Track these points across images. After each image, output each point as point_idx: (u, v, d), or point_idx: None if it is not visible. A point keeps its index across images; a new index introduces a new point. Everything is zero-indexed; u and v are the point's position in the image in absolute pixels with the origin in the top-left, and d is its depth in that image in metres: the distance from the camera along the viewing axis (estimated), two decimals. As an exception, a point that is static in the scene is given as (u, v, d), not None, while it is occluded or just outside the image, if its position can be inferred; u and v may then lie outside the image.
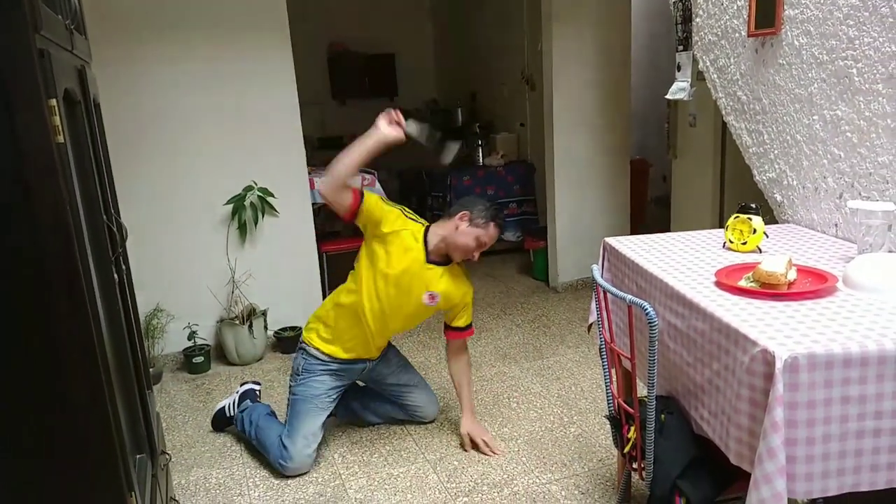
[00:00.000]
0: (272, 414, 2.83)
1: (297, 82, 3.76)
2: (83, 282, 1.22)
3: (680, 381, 1.65)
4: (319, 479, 2.57)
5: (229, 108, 3.64)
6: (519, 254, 5.46)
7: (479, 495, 2.40)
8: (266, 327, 3.77)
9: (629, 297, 1.59)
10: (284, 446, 2.55)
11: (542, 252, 4.84)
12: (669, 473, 1.58)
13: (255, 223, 3.71)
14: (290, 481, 2.57)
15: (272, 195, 3.71)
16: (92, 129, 1.77)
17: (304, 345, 2.71)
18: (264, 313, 3.76)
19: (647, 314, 1.52)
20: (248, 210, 3.66)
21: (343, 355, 2.65)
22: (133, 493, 1.37)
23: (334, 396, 2.68)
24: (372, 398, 2.90)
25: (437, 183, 5.70)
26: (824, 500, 1.30)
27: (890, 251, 1.71)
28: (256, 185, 3.67)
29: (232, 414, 2.93)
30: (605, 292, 1.73)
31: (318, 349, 2.65)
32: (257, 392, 3.04)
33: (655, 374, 1.58)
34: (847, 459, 1.27)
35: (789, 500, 1.25)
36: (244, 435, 2.81)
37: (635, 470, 1.75)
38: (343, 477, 2.58)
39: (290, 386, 2.69)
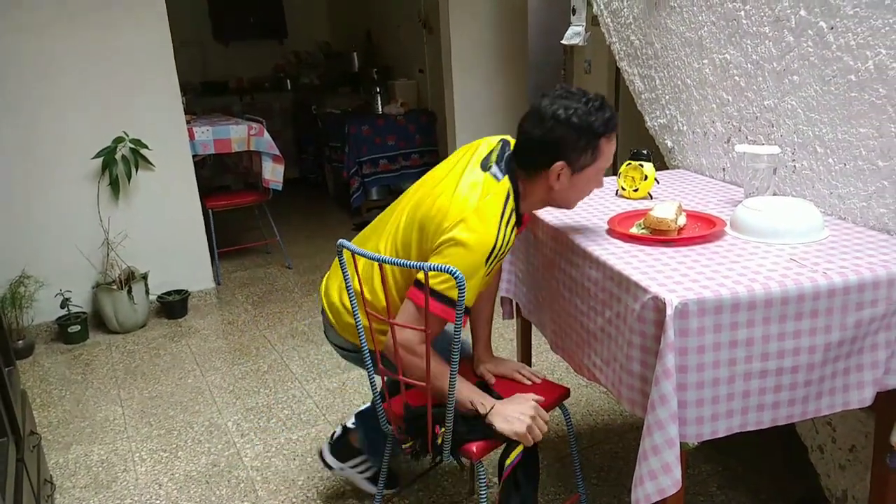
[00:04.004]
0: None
1: (172, 21, 3.43)
2: None
3: (574, 330, 1.63)
4: (212, 450, 2.44)
5: (92, 50, 3.28)
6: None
7: (381, 453, 2.35)
8: (147, 292, 3.51)
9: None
10: None
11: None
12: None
13: (129, 178, 3.42)
14: (179, 453, 2.43)
15: (146, 147, 3.42)
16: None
17: None
18: (145, 277, 3.51)
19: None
20: (119, 164, 3.36)
21: None
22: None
23: None
24: None
25: (334, 132, 5.48)
26: (711, 442, 1.33)
27: (775, 194, 1.75)
28: (128, 135, 3.36)
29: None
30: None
31: None
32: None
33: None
34: (735, 401, 1.28)
35: (680, 443, 1.26)
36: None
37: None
38: (238, 445, 2.46)
39: None
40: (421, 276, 1.43)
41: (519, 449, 1.54)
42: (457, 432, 1.52)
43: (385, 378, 1.64)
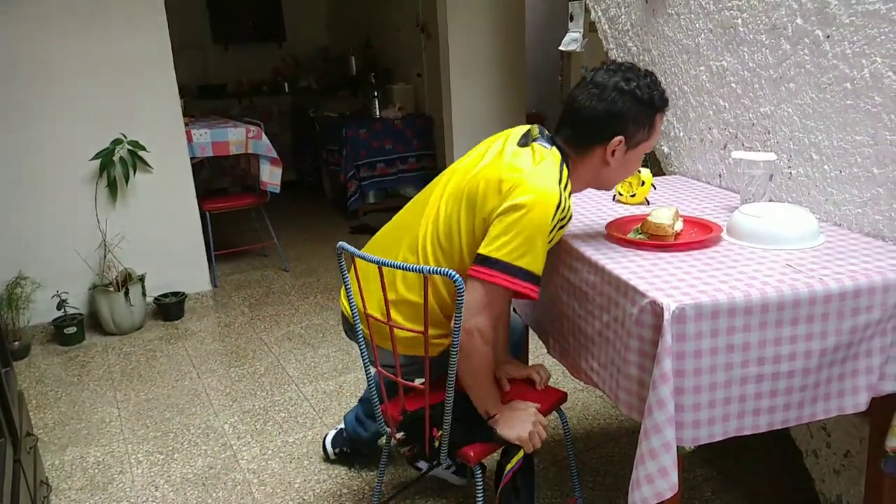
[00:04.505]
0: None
1: (171, 24, 3.44)
2: None
3: (571, 334, 1.64)
4: (209, 452, 2.44)
5: (93, 53, 3.29)
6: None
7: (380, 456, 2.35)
8: (144, 293, 3.51)
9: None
10: None
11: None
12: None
13: (127, 180, 3.42)
14: (176, 456, 2.42)
15: (144, 149, 3.42)
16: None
17: None
18: (142, 278, 3.50)
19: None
20: (117, 166, 3.36)
21: None
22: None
23: None
24: None
25: (332, 136, 5.48)
26: (706, 446, 1.33)
27: (771, 200, 1.76)
28: (126, 137, 3.36)
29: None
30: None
31: None
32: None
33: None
34: (732, 405, 1.29)
35: (677, 447, 1.27)
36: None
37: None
38: (234, 448, 2.45)
39: None
40: (487, 250, 1.38)
41: (520, 455, 1.55)
42: (454, 435, 1.53)
43: (383, 379, 1.64)
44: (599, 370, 1.50)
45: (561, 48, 3.11)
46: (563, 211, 1.41)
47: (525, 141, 1.52)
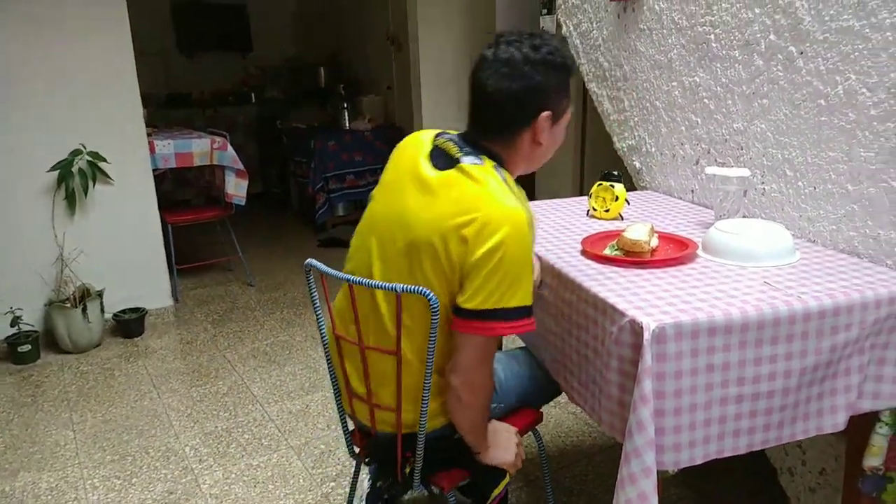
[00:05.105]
0: None
1: (134, 31, 3.35)
2: None
3: (548, 352, 1.60)
4: (168, 476, 2.33)
5: (51, 59, 3.17)
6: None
7: (347, 478, 2.28)
8: (103, 310, 3.38)
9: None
10: None
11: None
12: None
13: (86, 192, 3.29)
14: (134, 480, 2.31)
15: (104, 160, 3.30)
16: None
17: None
18: (100, 294, 3.37)
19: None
20: (76, 177, 3.23)
21: None
22: None
23: None
24: None
25: (300, 147, 5.40)
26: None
27: (745, 216, 1.75)
28: (86, 148, 3.25)
29: None
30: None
31: None
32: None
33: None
34: (712, 427, 1.26)
35: (659, 471, 1.23)
36: None
37: None
38: (195, 472, 2.35)
39: None
40: (474, 303, 1.22)
41: (506, 481, 1.49)
42: (428, 461, 1.47)
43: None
44: (580, 389, 1.46)
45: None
46: (533, 223, 1.29)
47: (447, 163, 1.30)
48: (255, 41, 6.78)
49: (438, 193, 1.27)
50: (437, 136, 1.39)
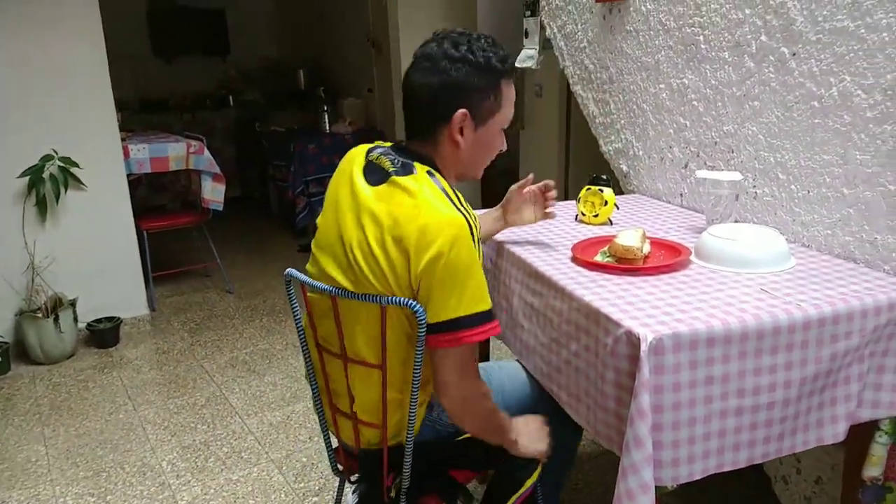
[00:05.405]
0: None
1: (109, 34, 3.26)
2: None
3: (534, 363, 1.55)
4: (145, 493, 2.25)
5: (18, 62, 3.06)
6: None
7: (331, 493, 2.21)
8: (76, 319, 3.28)
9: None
10: None
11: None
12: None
13: (57, 198, 3.20)
14: (109, 498, 2.23)
15: (77, 165, 3.21)
16: None
17: None
18: (73, 303, 3.27)
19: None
20: (47, 183, 3.13)
21: None
22: None
23: None
24: None
25: (279, 151, 5.31)
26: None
27: (737, 221, 1.72)
28: (57, 154, 3.15)
29: None
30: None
31: None
32: None
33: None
34: (711, 441, 1.22)
35: (657, 486, 1.19)
36: None
37: None
38: (173, 487, 2.27)
39: None
40: (434, 318, 1.20)
41: (539, 470, 1.44)
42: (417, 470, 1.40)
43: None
44: (571, 401, 1.41)
45: (516, 65, 3.06)
46: (477, 226, 1.23)
47: (380, 178, 1.26)
48: (233, 45, 6.67)
49: (374, 209, 1.24)
50: (370, 150, 1.35)
